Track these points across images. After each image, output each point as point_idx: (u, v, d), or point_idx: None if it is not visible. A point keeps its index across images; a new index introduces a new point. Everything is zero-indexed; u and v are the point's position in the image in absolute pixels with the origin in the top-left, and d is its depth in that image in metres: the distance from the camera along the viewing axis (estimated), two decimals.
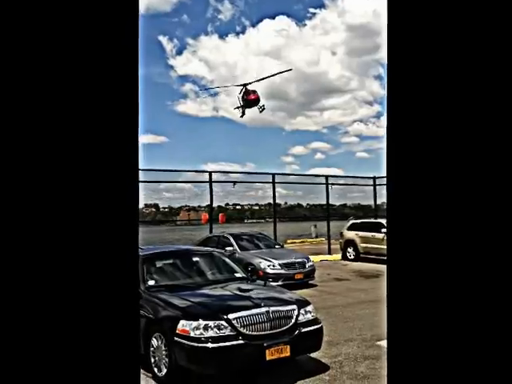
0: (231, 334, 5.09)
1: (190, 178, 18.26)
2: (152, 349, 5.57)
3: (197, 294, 5.97)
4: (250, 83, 31.87)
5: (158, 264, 6.88)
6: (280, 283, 10.73)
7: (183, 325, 5.16)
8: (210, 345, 4.97)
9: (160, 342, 5.44)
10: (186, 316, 5.24)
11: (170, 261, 7.04)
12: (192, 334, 5.05)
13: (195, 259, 7.19)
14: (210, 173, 17.13)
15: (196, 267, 7.05)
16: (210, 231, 16.11)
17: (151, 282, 6.34)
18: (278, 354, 5.16)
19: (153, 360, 5.55)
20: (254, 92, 32.47)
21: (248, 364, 5.17)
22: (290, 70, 35.94)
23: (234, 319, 5.17)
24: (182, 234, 21.17)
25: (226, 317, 5.18)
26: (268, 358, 5.10)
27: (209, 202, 17.00)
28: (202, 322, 5.09)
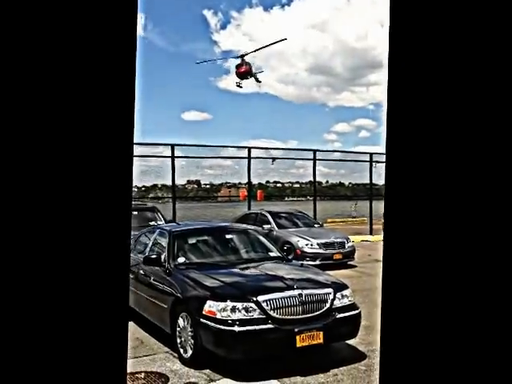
0: (260, 317, 4.74)
1: (231, 155, 18.22)
2: (178, 329, 5.31)
3: (227, 274, 5.64)
4: (246, 54, 31.81)
5: (190, 241, 6.59)
6: (318, 263, 10.38)
7: (210, 305, 4.84)
8: (236, 328, 4.64)
9: (186, 323, 5.16)
10: (213, 296, 4.92)
11: (202, 238, 6.73)
12: (219, 316, 4.74)
13: (228, 236, 6.85)
14: (249, 149, 16.87)
15: (229, 245, 6.71)
16: (249, 208, 15.88)
17: (181, 260, 6.06)
18: (309, 340, 4.78)
19: (179, 340, 5.30)
20: (246, 64, 32.56)
21: (277, 350, 4.80)
22: (285, 39, 36.45)
23: (263, 301, 4.81)
24: (220, 210, 21.09)
25: (255, 299, 4.83)
26: (299, 344, 4.72)
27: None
28: (229, 304, 4.76)
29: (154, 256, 6.21)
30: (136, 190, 25.22)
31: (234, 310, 4.74)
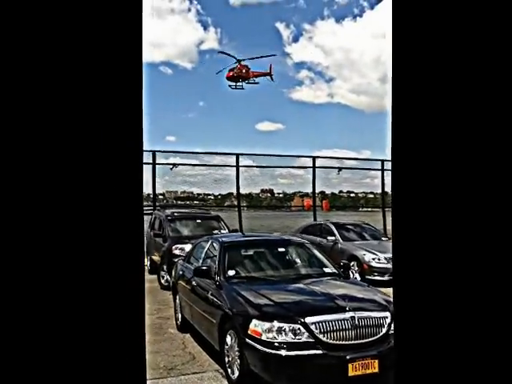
0: (308, 341, 4.32)
1: (302, 164, 18.07)
2: (226, 347, 5.01)
3: (276, 290, 5.27)
4: (243, 60, 33.85)
5: (242, 253, 6.30)
6: (386, 278, 9.71)
7: (255, 325, 4.50)
8: (283, 352, 4.26)
9: (233, 341, 4.85)
10: (259, 315, 4.57)
11: (255, 250, 6.41)
12: (264, 337, 4.38)
13: (282, 250, 6.48)
14: (314, 158, 16.52)
15: (282, 259, 6.33)
16: (314, 219, 15.40)
17: (231, 272, 5.77)
18: (363, 369, 4.28)
19: (226, 359, 5.00)
20: (239, 69, 33.30)
21: (327, 379, 4.34)
22: (274, 55, 37.88)
23: (311, 323, 4.39)
24: (289, 220, 20.77)
25: (302, 320, 4.42)
26: (351, 373, 4.24)
27: (321, 189, 16.45)
28: (275, 324, 4.39)
29: (204, 267, 5.98)
30: (213, 198, 25.70)
31: (280, 331, 4.36)
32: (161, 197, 24.04)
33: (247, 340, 4.50)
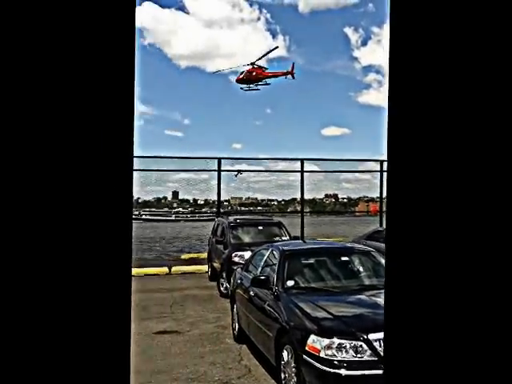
0: (371, 359, 3.89)
1: (369, 168, 17.62)
2: (283, 362, 4.66)
3: (337, 303, 4.86)
4: (253, 63, 32.81)
5: (302, 262, 5.93)
6: None
7: (313, 341, 4.12)
8: (342, 371, 3.85)
9: (290, 357, 4.49)
10: (317, 330, 4.19)
11: (317, 259, 6.01)
12: (322, 354, 3.99)
13: (345, 259, 6.03)
14: (381, 162, 15.79)
15: (345, 269, 5.89)
16: (380, 224, 14.69)
17: (290, 283, 5.42)
18: None
19: (283, 376, 4.65)
20: (249, 72, 32.24)
21: None
22: (277, 47, 36.67)
23: (375, 340, 3.95)
24: (354, 226, 20.05)
25: (365, 336, 3.99)
26: None
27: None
28: (335, 341, 3.99)
29: (262, 277, 5.68)
30: (276, 203, 25.58)
31: (340, 348, 3.96)
32: (226, 203, 24.18)
33: (304, 356, 4.14)
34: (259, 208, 25.12)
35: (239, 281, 6.82)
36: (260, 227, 11.10)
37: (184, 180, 16.86)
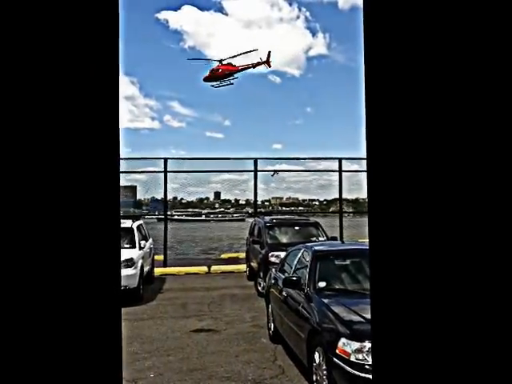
0: None
1: None
2: (314, 364, 4.59)
3: (369, 306, 4.73)
4: (222, 60, 32.68)
5: (335, 263, 5.83)
6: None
7: (344, 344, 4.04)
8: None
9: (321, 359, 4.42)
10: (348, 333, 4.10)
11: (350, 260, 5.90)
12: (353, 358, 3.90)
13: None
14: None
15: None
16: None
17: (322, 284, 5.34)
18: None
19: (314, 378, 4.59)
20: (217, 69, 32.47)
21: None
22: (256, 50, 34.52)
23: None
24: None
25: None
26: None
27: None
28: (366, 345, 3.89)
29: (294, 278, 5.62)
30: (317, 203, 25.37)
31: (370, 352, 3.85)
32: (267, 203, 24.14)
33: (335, 359, 4.05)
34: (300, 208, 24.94)
35: (273, 281, 6.79)
36: (296, 227, 11.02)
37: (225, 181, 16.96)
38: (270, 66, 32.76)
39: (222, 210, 26.66)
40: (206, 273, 12.91)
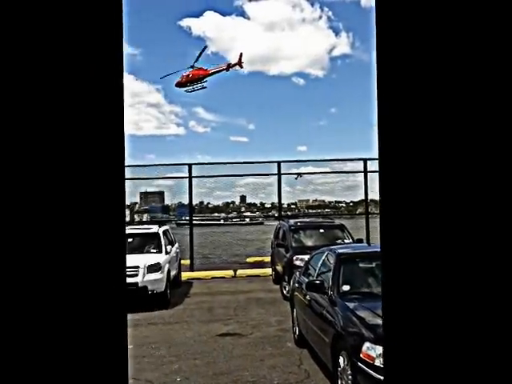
0: None
1: None
2: (339, 368, 4.52)
3: None
4: (192, 66, 33.04)
5: (360, 266, 5.73)
6: None
7: (368, 348, 3.95)
8: None
9: (346, 363, 4.34)
10: (372, 338, 4.01)
11: (375, 263, 5.79)
12: (377, 363, 3.81)
13: None
14: None
15: None
16: None
17: (346, 287, 5.25)
18: None
19: (339, 382, 4.50)
20: (188, 75, 32.94)
21: None
22: (206, 47, 37.41)
23: None
24: None
25: None
26: None
27: None
28: None
29: (317, 281, 5.55)
30: (344, 205, 25.11)
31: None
32: (293, 206, 24.02)
33: (359, 364, 3.97)
34: (327, 210, 24.73)
35: (297, 284, 6.73)
36: (321, 230, 10.92)
37: (250, 184, 16.96)
38: (241, 67, 34.30)
39: (245, 213, 26.72)
40: (232, 277, 12.91)
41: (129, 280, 8.90)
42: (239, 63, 33.91)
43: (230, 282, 12.12)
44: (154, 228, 10.58)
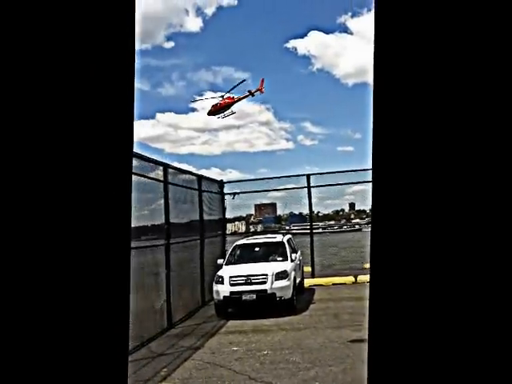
0: None
1: None
2: None
3: None
4: (223, 96, 36.34)
5: None
6: None
7: None
8: None
9: None
10: None
11: None
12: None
13: None
14: None
15: None
16: None
17: None
18: None
19: None
20: (218, 104, 35.85)
21: None
22: (243, 80, 39.28)
23: None
24: None
25: None
26: None
27: None
28: None
29: None
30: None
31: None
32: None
33: None
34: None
35: None
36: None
37: (358, 192, 16.72)
38: (262, 92, 37.48)
39: (354, 220, 26.30)
40: (352, 283, 12.66)
41: (258, 287, 9.21)
42: (260, 89, 37.19)
43: (351, 288, 11.87)
44: (279, 237, 10.94)
